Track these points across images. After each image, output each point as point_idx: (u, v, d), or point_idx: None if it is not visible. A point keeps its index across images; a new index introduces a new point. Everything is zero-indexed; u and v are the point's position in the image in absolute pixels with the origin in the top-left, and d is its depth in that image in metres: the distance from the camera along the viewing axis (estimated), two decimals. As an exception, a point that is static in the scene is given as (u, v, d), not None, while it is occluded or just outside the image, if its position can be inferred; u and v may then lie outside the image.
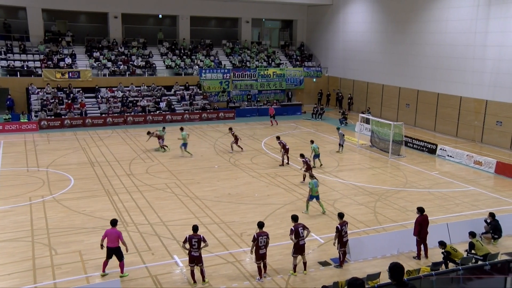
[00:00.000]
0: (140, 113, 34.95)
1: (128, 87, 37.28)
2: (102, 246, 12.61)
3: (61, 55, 37.55)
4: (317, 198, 17.43)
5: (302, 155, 21.33)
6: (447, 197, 19.76)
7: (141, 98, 36.44)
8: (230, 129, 27.25)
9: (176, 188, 19.98)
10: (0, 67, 35.15)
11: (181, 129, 26.21)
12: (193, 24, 44.49)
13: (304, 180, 21.05)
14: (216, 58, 42.81)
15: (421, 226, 13.74)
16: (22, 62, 36.09)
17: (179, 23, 43.93)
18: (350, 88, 42.07)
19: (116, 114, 34.20)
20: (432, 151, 27.12)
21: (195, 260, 12.15)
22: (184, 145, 25.20)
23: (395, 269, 6.44)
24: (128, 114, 34.43)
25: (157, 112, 35.71)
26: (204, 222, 16.19)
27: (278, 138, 24.80)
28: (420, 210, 13.91)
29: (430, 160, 26.05)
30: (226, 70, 40.89)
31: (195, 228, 12.33)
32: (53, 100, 33.83)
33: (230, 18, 47.52)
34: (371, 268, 13.18)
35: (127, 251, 12.81)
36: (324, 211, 17.46)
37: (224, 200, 18.74)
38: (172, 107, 36.65)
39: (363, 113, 33.73)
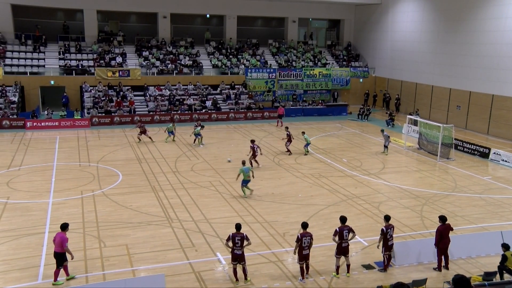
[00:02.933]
0: (187, 112, 35.61)
1: (175, 85, 38.09)
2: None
3: (112, 54, 38.90)
4: (247, 182, 18.80)
5: (252, 141, 23.09)
6: (501, 204, 18.89)
7: (187, 97, 37.13)
8: (140, 121, 29.22)
9: (220, 186, 20.21)
10: (58, 66, 36.91)
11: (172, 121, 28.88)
12: (240, 24, 44.87)
13: (258, 165, 22.88)
14: (262, 58, 42.95)
15: (442, 235, 13.08)
16: (77, 61, 37.69)
17: (226, 23, 44.42)
18: (398, 89, 41.05)
19: (163, 112, 35.03)
20: (485, 155, 26.01)
21: (237, 258, 12.23)
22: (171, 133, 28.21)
23: (461, 283, 5.87)
24: (175, 112, 35.17)
25: (203, 110, 36.26)
26: (247, 221, 16.29)
27: (287, 128, 26.48)
28: (442, 219, 13.23)
29: (482, 165, 24.99)
30: (272, 70, 40.94)
31: (238, 227, 12.40)
32: (104, 98, 35.09)
33: (277, 18, 47.55)
34: (416, 274, 12.82)
35: (72, 259, 12.29)
36: (245, 195, 18.81)
37: (267, 199, 18.78)
38: (218, 106, 37.11)
39: (411, 115, 32.87)
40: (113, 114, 33.91)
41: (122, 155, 25.21)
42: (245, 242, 12.26)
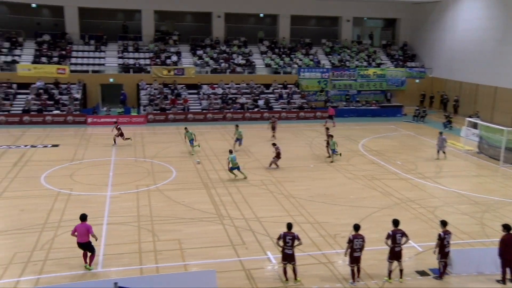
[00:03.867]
0: (239, 110, 35.96)
1: (228, 84, 38.55)
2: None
3: (168, 53, 39.94)
4: (238, 168, 20.67)
5: (274, 144, 23.31)
6: None
7: (240, 96, 37.47)
8: (116, 122, 28.55)
9: (271, 185, 20.24)
10: (117, 64, 38.41)
11: (186, 129, 26.20)
12: (293, 23, 44.72)
13: (270, 166, 22.80)
14: (315, 57, 42.61)
15: (506, 245, 12.31)
16: (135, 60, 39.02)
17: (280, 22, 44.42)
18: (457, 90, 39.40)
19: (216, 110, 35.56)
20: (554, 161, 24.43)
21: (288, 258, 12.20)
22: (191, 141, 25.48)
23: None
24: (228, 110, 35.60)
25: (255, 109, 36.47)
26: (297, 221, 16.19)
27: (327, 129, 27.35)
28: (506, 227, 12.43)
29: (549, 171, 23.52)
30: (325, 70, 40.55)
31: (289, 226, 12.37)
32: (159, 96, 36.10)
33: (330, 17, 47.01)
34: (475, 284, 12.27)
35: (96, 240, 12.95)
36: (245, 176, 20.79)
37: (318, 200, 18.60)
38: (270, 105, 37.19)
39: (471, 117, 31.45)
40: (167, 111, 34.81)
41: (175, 151, 25.82)
42: (296, 242, 12.20)
